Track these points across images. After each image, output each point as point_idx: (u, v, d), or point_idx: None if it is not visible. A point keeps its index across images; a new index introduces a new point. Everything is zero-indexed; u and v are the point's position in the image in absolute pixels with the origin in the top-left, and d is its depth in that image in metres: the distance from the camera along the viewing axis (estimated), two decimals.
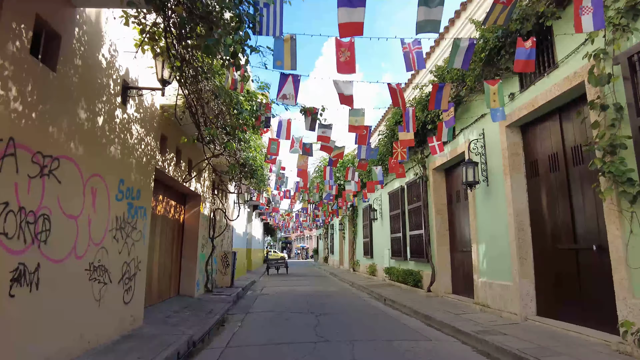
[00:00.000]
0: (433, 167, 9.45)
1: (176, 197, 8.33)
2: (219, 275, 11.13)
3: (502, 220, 6.48)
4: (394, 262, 12.64)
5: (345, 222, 21.98)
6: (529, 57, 4.31)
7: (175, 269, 8.35)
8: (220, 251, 11.34)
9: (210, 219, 9.97)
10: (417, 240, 10.41)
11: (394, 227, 12.55)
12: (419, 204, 10.19)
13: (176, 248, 8.40)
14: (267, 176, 11.13)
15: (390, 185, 13.09)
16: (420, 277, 10.11)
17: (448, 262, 9.11)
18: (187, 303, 7.82)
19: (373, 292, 10.51)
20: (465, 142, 7.75)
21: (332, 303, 8.80)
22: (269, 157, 8.87)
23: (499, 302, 6.42)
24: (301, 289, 12.00)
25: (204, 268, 9.43)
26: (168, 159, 6.65)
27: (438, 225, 9.27)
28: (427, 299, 8.68)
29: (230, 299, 8.83)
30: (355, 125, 5.95)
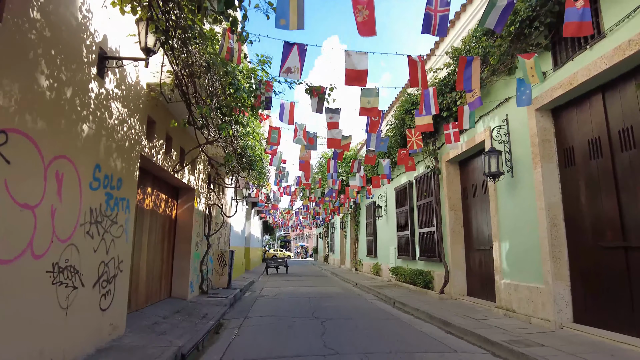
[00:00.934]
0: (446, 159, 8.75)
1: (167, 191, 7.61)
2: (215, 276, 10.43)
3: (530, 215, 5.79)
4: (400, 262, 11.95)
5: (346, 220, 21.29)
6: (582, 19, 3.61)
7: (166, 269, 7.64)
8: (216, 250, 10.63)
9: (206, 215, 9.26)
10: (427, 238, 9.72)
11: (401, 225, 11.86)
12: (430, 199, 9.50)
13: (167, 246, 7.69)
14: (266, 169, 10.43)
15: (396, 181, 12.40)
16: (431, 278, 9.42)
17: (463, 261, 8.43)
18: (179, 306, 7.12)
19: (380, 293, 9.82)
20: (485, 130, 7.05)
21: (337, 306, 8.11)
22: (269, 147, 8.16)
23: (526, 306, 5.74)
24: (303, 290, 11.31)
25: (199, 268, 8.73)
26: (156, 146, 5.93)
27: (452, 222, 8.58)
28: (440, 301, 7.99)
29: (227, 302, 8.13)
30: (367, 107, 5.24)
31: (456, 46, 7.69)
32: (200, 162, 8.65)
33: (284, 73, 4.29)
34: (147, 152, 5.56)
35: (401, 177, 12.02)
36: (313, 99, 5.20)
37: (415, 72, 4.70)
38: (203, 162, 8.94)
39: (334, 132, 6.88)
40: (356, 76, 4.39)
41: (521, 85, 5.36)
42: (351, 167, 9.76)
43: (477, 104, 5.53)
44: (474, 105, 5.57)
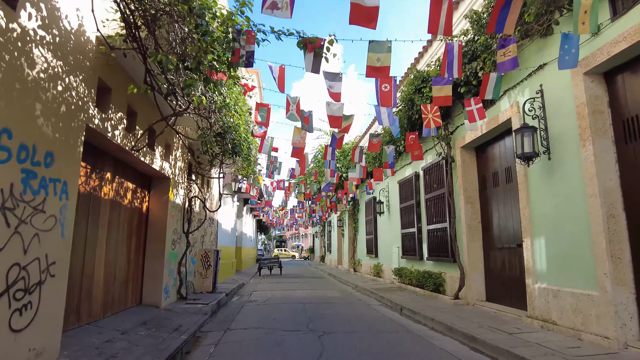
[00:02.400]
0: (461, 144, 7.64)
1: (136, 179, 6.44)
2: (199, 279, 9.25)
3: (576, 205, 4.69)
4: (405, 262, 10.84)
5: (344, 218, 20.17)
6: None
7: (135, 272, 6.46)
8: (200, 249, 9.46)
9: (185, 210, 8.08)
10: (438, 236, 8.61)
11: (406, 221, 10.74)
12: (442, 191, 8.39)
13: (136, 244, 6.51)
14: (255, 157, 9.27)
15: (400, 174, 11.27)
16: (442, 281, 8.30)
17: (481, 261, 7.32)
18: (148, 316, 5.94)
19: (383, 298, 8.69)
20: (511, 106, 5.94)
21: (337, 314, 6.97)
22: (258, 128, 7.01)
23: (572, 318, 4.62)
24: (297, 293, 10.16)
25: (176, 270, 7.55)
26: (113, 119, 4.76)
27: (468, 217, 7.47)
28: (455, 308, 6.88)
29: (208, 309, 6.96)
30: (376, 66, 4.12)
31: (476, 9, 6.58)
32: (177, 147, 7.47)
33: (268, 9, 3.16)
34: (99, 125, 4.38)
35: (405, 169, 10.91)
36: (307, 54, 4.07)
37: (438, 13, 3.57)
38: (181, 148, 7.76)
39: (335, 107, 5.75)
40: (364, 14, 3.27)
41: (566, 42, 4.25)
42: (352, 156, 8.63)
43: (510, 65, 4.39)
44: (505, 67, 4.42)
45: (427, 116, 6.18)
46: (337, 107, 5.76)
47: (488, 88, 5.12)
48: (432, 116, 6.12)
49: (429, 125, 6.16)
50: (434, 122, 6.14)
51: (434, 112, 6.10)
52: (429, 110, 6.13)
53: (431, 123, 6.15)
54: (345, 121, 6.48)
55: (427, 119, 6.18)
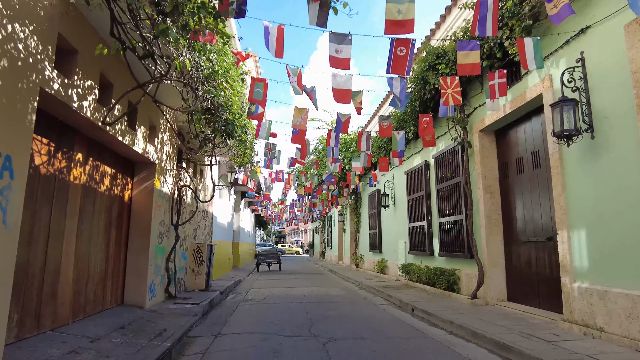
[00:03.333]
0: (480, 128, 6.90)
1: (115, 163, 5.68)
2: (190, 276, 8.52)
3: (628, 191, 3.95)
4: (412, 258, 10.12)
5: (345, 212, 19.45)
6: None
7: (115, 268, 5.73)
8: (192, 244, 8.72)
9: (175, 200, 7.33)
10: (452, 229, 7.88)
11: (414, 215, 10.02)
12: (457, 180, 7.65)
13: (117, 237, 5.77)
14: (252, 142, 8.50)
15: (407, 164, 10.53)
16: (457, 278, 7.59)
17: (501, 257, 6.60)
18: (128, 319, 5.21)
19: (391, 297, 7.98)
20: (544, 79, 5.19)
21: (342, 315, 6.25)
22: (253, 109, 6.24)
23: (626, 324, 3.90)
24: (297, 291, 9.44)
25: (164, 266, 6.82)
26: (81, 87, 4.00)
27: (487, 208, 6.74)
28: (473, 309, 6.17)
29: (199, 310, 6.24)
30: (397, 19, 3.37)
31: None
32: (164, 130, 6.71)
33: None
34: (60, 91, 3.62)
35: (413, 159, 10.17)
36: (312, 4, 3.32)
37: None
38: (169, 131, 7.00)
39: (342, 78, 4.99)
40: None
41: None
42: (358, 141, 7.85)
43: (565, 12, 3.61)
44: (560, 16, 3.66)
45: (445, 91, 5.41)
46: (345, 78, 5.01)
47: (528, 56, 4.35)
48: (452, 91, 5.35)
49: (447, 102, 5.40)
50: (453, 99, 5.37)
51: (454, 87, 5.34)
52: (448, 84, 5.37)
53: (450, 100, 5.38)
54: (356, 98, 5.71)
55: (445, 95, 5.41)
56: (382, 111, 12.40)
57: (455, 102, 5.40)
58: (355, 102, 5.75)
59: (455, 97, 5.35)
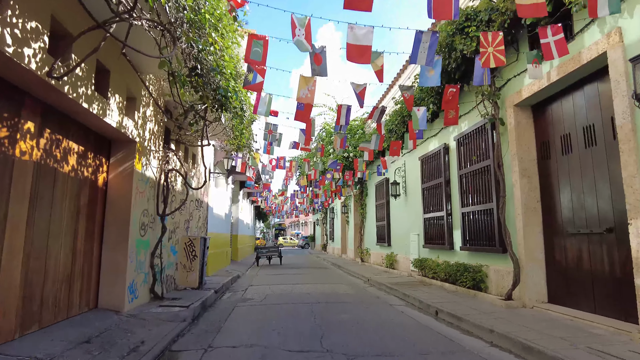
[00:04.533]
0: (515, 101, 5.92)
1: (84, 138, 4.71)
2: (181, 272, 7.59)
3: None
4: (427, 252, 9.20)
5: (349, 203, 18.52)
6: None
7: (86, 266, 4.78)
8: (183, 237, 7.78)
9: (162, 186, 6.37)
10: (478, 220, 6.93)
11: (430, 204, 9.07)
12: (485, 164, 6.68)
13: (87, 229, 4.82)
14: (250, 119, 7.48)
15: (422, 148, 9.55)
16: (484, 275, 6.66)
17: (541, 251, 5.67)
18: (98, 328, 4.27)
19: (407, 296, 7.07)
20: (607, 35, 4.20)
21: (356, 321, 5.33)
22: (251, 77, 5.24)
23: None
24: (300, 289, 8.53)
25: (148, 262, 5.88)
26: (18, 28, 3.01)
27: (524, 195, 5.79)
28: (511, 313, 5.25)
29: (188, 314, 5.31)
30: None
31: None
32: (147, 103, 5.72)
33: None
34: None
35: (429, 143, 9.19)
36: None
37: None
38: (154, 106, 6.01)
39: (360, 32, 4.00)
40: None
41: None
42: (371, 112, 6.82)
43: None
44: None
45: (485, 50, 4.41)
46: (364, 31, 4.02)
47: (599, 2, 3.36)
48: (494, 50, 4.35)
49: (487, 63, 4.40)
50: (495, 59, 4.37)
51: (497, 44, 4.34)
52: (489, 41, 4.37)
53: (491, 60, 4.38)
54: (376, 59, 4.70)
55: (485, 55, 4.41)
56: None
57: (498, 63, 4.41)
58: (375, 65, 4.75)
59: (497, 57, 4.36)
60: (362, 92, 5.76)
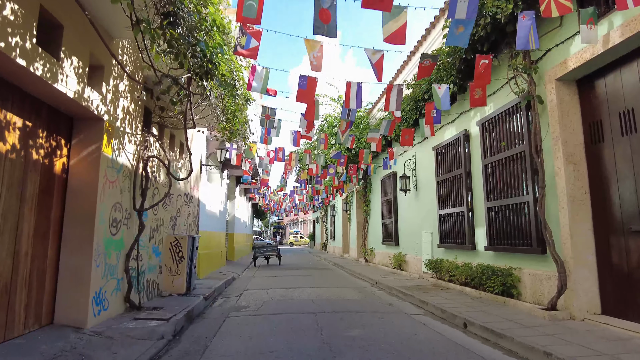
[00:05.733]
0: (557, 75, 4.98)
1: (35, 112, 3.76)
2: (166, 276, 6.64)
3: None
4: (443, 253, 8.27)
5: (352, 200, 17.59)
6: None
7: (37, 272, 3.84)
8: (169, 236, 6.83)
9: (141, 176, 5.41)
10: (509, 215, 5.99)
11: (447, 199, 8.13)
12: (519, 150, 5.74)
13: (38, 225, 3.86)
14: (244, 94, 6.48)
15: (437, 136, 8.59)
16: (515, 280, 5.73)
17: (591, 252, 4.74)
18: (43, 355, 3.32)
19: (425, 303, 6.15)
20: None
21: (371, 337, 4.39)
22: (244, 41, 4.30)
23: None
24: (302, 294, 7.59)
25: (122, 266, 4.92)
26: None
27: (569, 185, 4.86)
28: (558, 326, 4.33)
29: (168, 329, 4.36)
30: None
31: None
32: (118, 75, 4.76)
33: None
34: None
35: (445, 131, 8.26)
36: None
37: None
38: (129, 81, 5.04)
39: None
40: None
41: None
42: (386, 100, 5.89)
43: None
44: None
45: None
46: None
47: None
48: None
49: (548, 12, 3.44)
50: (557, 6, 3.42)
51: None
52: None
53: (553, 8, 3.43)
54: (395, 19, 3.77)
55: (545, 2, 3.47)
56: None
57: (563, 11, 3.47)
58: (394, 22, 3.80)
59: (561, 4, 3.41)
60: (380, 63, 4.81)
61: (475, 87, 5.81)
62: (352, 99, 5.72)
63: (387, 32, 4.09)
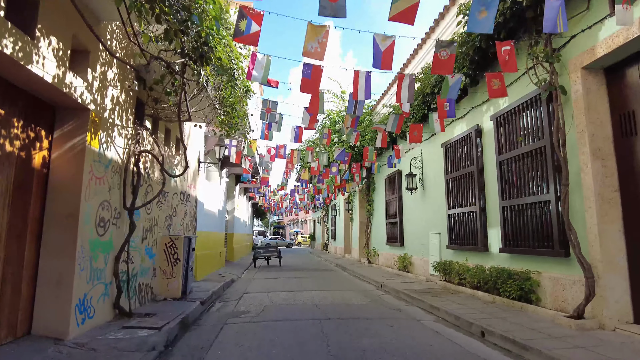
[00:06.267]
0: (584, 63, 4.59)
1: (9, 100, 3.37)
2: (161, 279, 6.25)
3: None
4: (452, 254, 7.88)
5: (354, 200, 17.20)
6: None
7: (12, 277, 3.45)
8: (163, 236, 6.44)
9: (132, 173, 5.02)
10: (528, 215, 5.59)
11: (458, 198, 7.74)
12: (539, 145, 5.35)
13: (12, 225, 3.48)
14: (243, 84, 6.09)
15: (446, 133, 8.19)
16: (534, 284, 5.34)
17: (622, 255, 4.36)
18: None
19: (437, 309, 5.76)
20: None
21: (383, 347, 4.00)
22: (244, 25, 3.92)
23: None
24: (305, 297, 7.21)
25: (111, 269, 4.53)
26: None
27: (597, 182, 4.47)
28: (589, 337, 3.94)
29: (159, 339, 3.97)
30: None
31: None
32: (107, 62, 4.37)
33: None
34: None
35: (455, 126, 7.87)
36: None
37: None
38: (119, 67, 4.65)
39: None
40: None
41: None
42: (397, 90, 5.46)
43: None
44: None
45: None
46: None
47: None
48: None
49: None
50: None
51: None
52: None
53: None
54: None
55: None
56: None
57: None
58: None
59: None
60: (389, 51, 4.41)
61: (492, 77, 5.44)
62: (360, 90, 5.32)
63: (395, 10, 3.70)
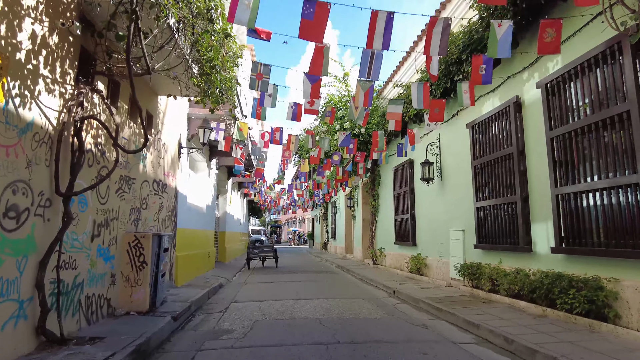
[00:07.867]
0: None
1: None
2: (123, 288, 4.91)
3: None
4: (481, 255, 6.60)
5: (356, 195, 15.91)
6: None
7: None
8: (126, 234, 5.10)
9: (71, 145, 3.69)
10: (599, 205, 4.28)
11: (488, 188, 6.45)
12: (617, 110, 4.04)
13: None
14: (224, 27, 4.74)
15: (472, 110, 6.90)
16: (611, 297, 4.05)
17: None
18: None
19: (476, 326, 4.48)
20: None
21: None
22: None
23: None
24: (305, 308, 5.90)
25: (32, 279, 3.20)
26: None
27: None
28: None
29: None
30: None
31: None
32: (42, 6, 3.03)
33: None
34: None
35: (485, 102, 6.59)
36: None
37: None
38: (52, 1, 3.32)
39: None
40: None
41: None
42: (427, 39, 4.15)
43: None
44: None
45: None
46: None
47: None
48: None
49: None
50: None
51: None
52: None
53: None
54: None
55: None
56: None
57: None
58: None
59: None
60: None
61: (547, 25, 4.17)
62: (377, 36, 4.00)
63: None
